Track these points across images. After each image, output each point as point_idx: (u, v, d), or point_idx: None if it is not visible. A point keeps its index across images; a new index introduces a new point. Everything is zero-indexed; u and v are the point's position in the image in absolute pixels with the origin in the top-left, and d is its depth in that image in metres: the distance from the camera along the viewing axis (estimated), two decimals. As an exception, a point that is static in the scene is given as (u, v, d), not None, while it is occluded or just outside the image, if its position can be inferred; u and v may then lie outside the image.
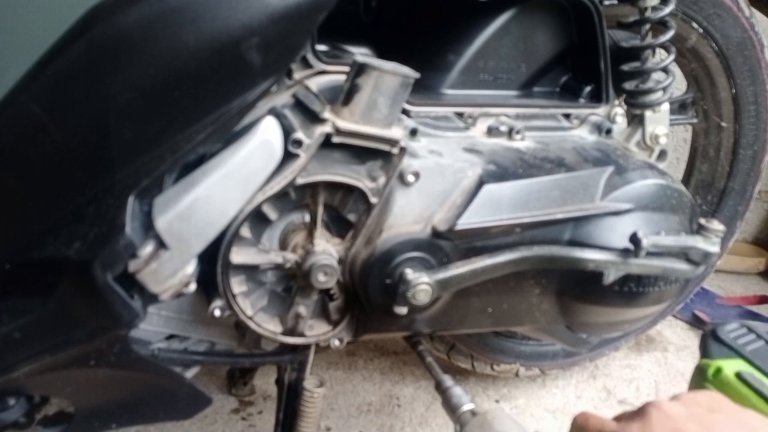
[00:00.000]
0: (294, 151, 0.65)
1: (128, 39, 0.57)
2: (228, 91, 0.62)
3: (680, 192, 0.81)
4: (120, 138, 0.59)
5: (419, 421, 1.19)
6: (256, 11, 0.60)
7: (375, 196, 0.70)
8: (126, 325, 0.65)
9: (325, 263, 0.69)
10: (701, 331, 1.52)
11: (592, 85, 0.91)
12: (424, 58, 0.84)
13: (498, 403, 1.25)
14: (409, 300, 0.70)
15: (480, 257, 0.73)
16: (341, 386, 1.27)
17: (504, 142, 0.82)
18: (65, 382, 0.71)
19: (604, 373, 1.36)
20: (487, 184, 0.73)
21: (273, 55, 0.62)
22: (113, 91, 0.58)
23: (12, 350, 0.63)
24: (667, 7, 0.90)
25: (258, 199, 0.66)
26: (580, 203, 0.76)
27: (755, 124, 1.16)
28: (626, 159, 0.82)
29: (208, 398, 0.78)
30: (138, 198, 0.62)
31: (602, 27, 0.87)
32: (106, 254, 0.60)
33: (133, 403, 0.76)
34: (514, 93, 0.89)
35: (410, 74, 0.66)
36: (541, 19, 0.88)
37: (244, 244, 0.69)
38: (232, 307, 0.71)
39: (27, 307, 0.63)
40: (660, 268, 0.77)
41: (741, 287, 1.78)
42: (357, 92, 0.65)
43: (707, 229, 0.79)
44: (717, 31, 1.07)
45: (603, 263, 0.76)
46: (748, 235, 1.98)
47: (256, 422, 1.15)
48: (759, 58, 1.11)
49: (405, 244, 0.72)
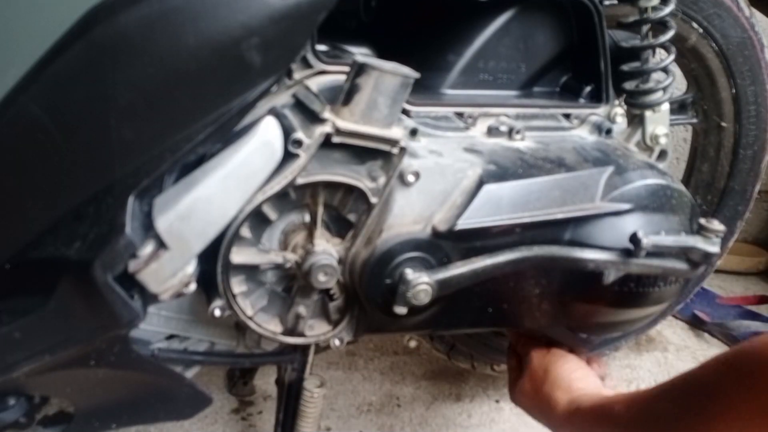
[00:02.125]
0: (294, 151, 0.65)
1: (128, 39, 0.57)
2: (228, 91, 0.62)
3: (680, 192, 0.81)
4: (120, 138, 0.59)
5: (419, 421, 1.19)
6: (256, 11, 0.60)
7: (375, 196, 0.70)
8: (126, 325, 0.65)
9: (325, 263, 0.69)
10: (701, 331, 1.53)
11: (592, 85, 0.91)
12: (424, 58, 0.84)
13: (498, 403, 1.25)
14: (409, 300, 0.70)
15: (480, 257, 0.73)
16: (341, 386, 1.27)
17: (504, 142, 0.82)
18: (65, 382, 0.71)
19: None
20: (487, 184, 0.73)
21: (273, 55, 0.62)
22: (113, 91, 0.58)
23: (12, 350, 0.63)
24: (667, 7, 0.90)
25: (258, 199, 0.66)
26: (580, 203, 0.76)
27: (755, 124, 1.16)
28: (626, 159, 0.82)
29: (208, 398, 0.78)
30: (138, 198, 0.62)
31: (602, 27, 0.87)
32: (106, 254, 0.60)
33: (133, 403, 0.76)
34: (514, 93, 0.89)
35: (410, 74, 0.66)
36: (541, 19, 0.88)
37: (244, 244, 0.69)
38: (232, 307, 0.71)
39: (27, 307, 0.63)
40: (660, 268, 0.77)
41: (741, 287, 1.78)
42: (357, 92, 0.65)
43: (707, 229, 0.79)
44: (717, 31, 1.06)
45: (603, 263, 0.76)
46: (748, 235, 1.98)
47: (256, 422, 1.15)
48: (759, 58, 1.11)
49: (405, 244, 0.72)
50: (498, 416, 1.22)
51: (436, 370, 1.33)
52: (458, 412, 1.22)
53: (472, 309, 0.79)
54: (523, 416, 0.87)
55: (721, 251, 1.04)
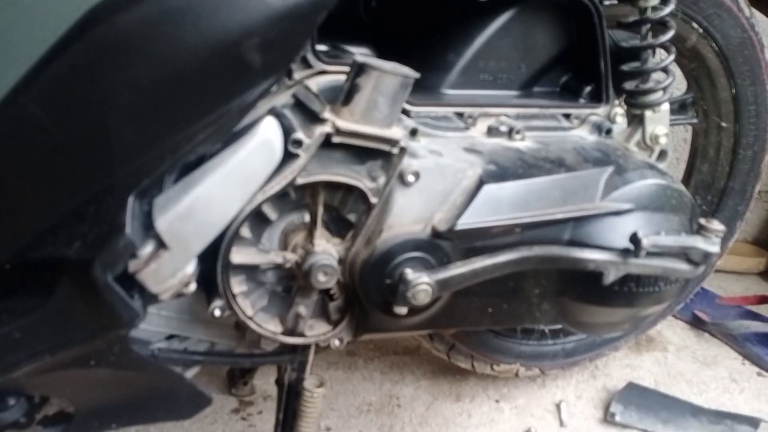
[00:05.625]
0: (294, 151, 0.65)
1: (128, 39, 0.57)
2: (228, 91, 0.62)
3: (680, 192, 0.81)
4: (120, 138, 0.59)
5: (419, 421, 1.19)
6: (256, 11, 0.60)
7: (375, 196, 0.70)
8: (126, 325, 0.65)
9: (325, 263, 0.69)
10: (701, 331, 1.53)
11: (592, 85, 0.91)
12: (424, 58, 0.84)
13: (498, 403, 1.25)
14: (409, 300, 0.70)
15: (480, 257, 0.73)
16: (341, 386, 1.26)
17: (504, 142, 0.82)
18: (65, 382, 0.71)
19: (604, 373, 1.35)
20: (487, 184, 0.73)
21: (273, 55, 0.62)
22: (113, 91, 0.57)
23: (12, 350, 0.63)
24: (667, 7, 0.90)
25: (258, 199, 0.66)
26: (580, 203, 0.76)
27: (755, 125, 1.16)
28: (626, 159, 0.82)
29: (208, 398, 0.78)
30: (138, 198, 0.62)
31: (602, 27, 0.87)
32: (106, 254, 0.60)
33: (133, 403, 0.76)
34: (514, 93, 0.89)
35: (410, 74, 0.66)
36: (541, 19, 0.88)
37: (244, 244, 0.69)
38: (232, 307, 0.71)
39: (27, 307, 0.63)
40: (660, 269, 0.77)
41: (741, 287, 1.78)
42: (357, 92, 0.65)
43: (707, 229, 0.79)
44: (717, 31, 1.06)
45: (603, 263, 0.75)
46: (748, 235, 1.98)
47: (256, 422, 1.15)
48: (759, 58, 1.11)
49: (405, 244, 0.72)
50: (498, 416, 1.22)
51: (435, 370, 1.33)
52: (458, 412, 1.22)
53: (472, 309, 0.79)
54: (524, 416, 0.87)
55: (721, 251, 1.04)
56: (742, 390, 1.34)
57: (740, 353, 1.46)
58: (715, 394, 1.32)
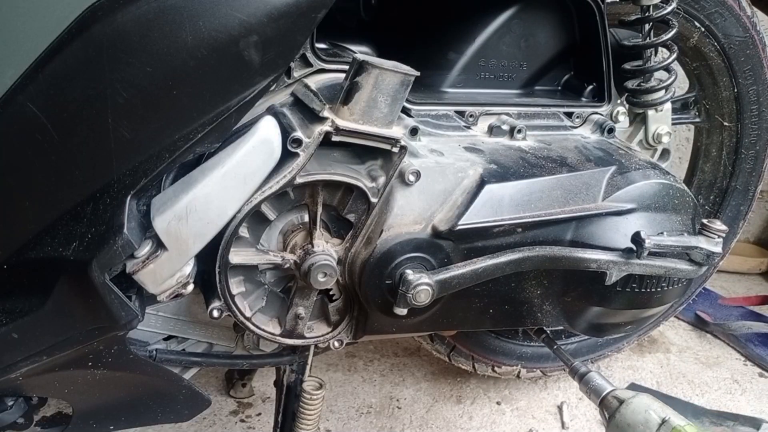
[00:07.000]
0: (293, 150, 0.65)
1: (126, 38, 0.57)
2: (226, 89, 0.61)
3: (683, 192, 0.81)
4: (118, 137, 0.58)
5: (419, 423, 1.19)
6: (255, 9, 0.60)
7: (375, 196, 0.69)
8: (124, 326, 0.64)
9: (324, 263, 0.69)
10: (704, 332, 1.53)
11: (594, 84, 0.90)
12: (425, 56, 0.83)
13: (499, 405, 1.25)
14: (409, 301, 0.69)
15: (481, 258, 0.72)
16: (341, 388, 1.26)
17: (505, 141, 0.82)
18: (63, 383, 0.70)
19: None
20: (488, 184, 0.73)
21: (272, 53, 0.62)
22: (111, 91, 0.57)
23: (10, 351, 0.63)
24: (668, 5, 0.90)
25: (257, 198, 0.65)
26: (583, 203, 0.76)
27: (757, 124, 1.15)
28: (629, 158, 0.82)
29: (206, 400, 0.78)
30: (136, 198, 0.62)
31: (604, 25, 0.87)
32: (103, 255, 0.60)
33: (131, 405, 0.76)
34: (515, 91, 0.89)
35: (410, 72, 0.65)
36: (543, 17, 0.88)
37: (242, 245, 0.69)
38: (230, 308, 0.70)
39: (24, 308, 0.63)
40: (662, 269, 0.77)
41: (743, 287, 1.78)
42: (357, 91, 0.65)
43: (710, 229, 0.78)
44: (719, 30, 1.06)
45: (605, 263, 0.75)
46: (750, 235, 1.98)
47: (255, 424, 1.15)
48: (761, 57, 1.11)
49: (405, 244, 0.71)
50: (499, 418, 1.21)
51: (436, 372, 1.32)
52: (459, 414, 1.22)
53: (473, 310, 0.78)
54: (525, 418, 0.86)
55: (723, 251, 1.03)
56: (744, 391, 1.34)
57: (742, 354, 1.46)
58: (717, 395, 1.32)
